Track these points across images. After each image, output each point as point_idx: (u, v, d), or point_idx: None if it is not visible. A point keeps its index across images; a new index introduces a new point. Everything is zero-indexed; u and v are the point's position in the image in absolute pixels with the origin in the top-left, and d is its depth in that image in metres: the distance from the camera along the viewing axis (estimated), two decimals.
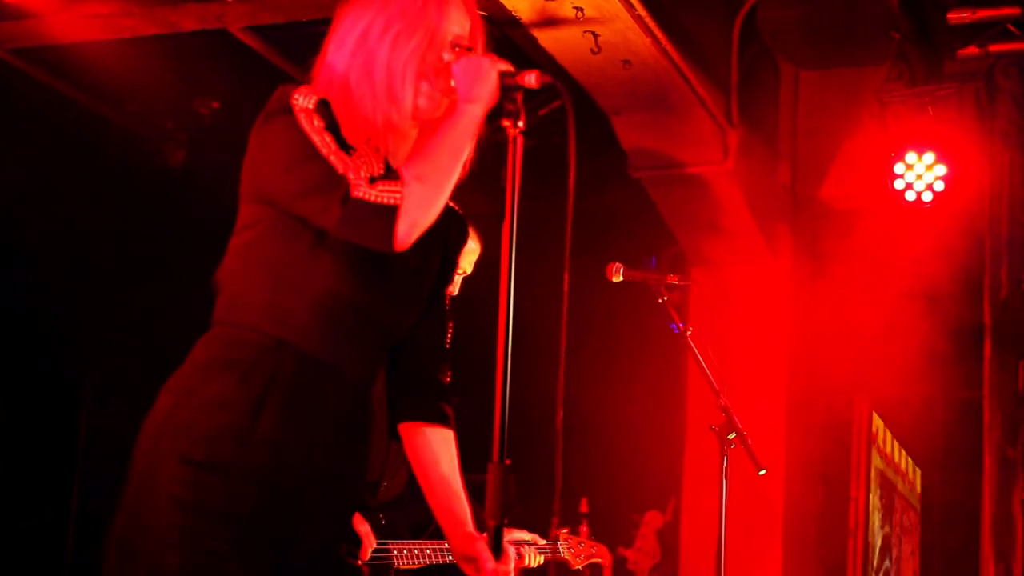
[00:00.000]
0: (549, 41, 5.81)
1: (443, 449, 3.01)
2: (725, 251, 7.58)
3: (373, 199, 2.61)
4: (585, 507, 5.76)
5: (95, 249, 8.22)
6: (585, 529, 5.29)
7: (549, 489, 2.77)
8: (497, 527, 2.62)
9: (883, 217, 7.18)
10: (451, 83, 2.79)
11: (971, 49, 6.50)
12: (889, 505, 8.51)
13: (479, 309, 3.51)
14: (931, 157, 6.63)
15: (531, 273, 3.06)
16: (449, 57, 2.83)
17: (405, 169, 2.68)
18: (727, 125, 6.84)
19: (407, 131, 2.87)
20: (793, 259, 7.84)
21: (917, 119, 6.72)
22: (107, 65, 7.17)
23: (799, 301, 7.82)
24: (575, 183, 2.74)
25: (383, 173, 2.73)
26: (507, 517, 2.61)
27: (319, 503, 2.75)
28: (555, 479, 2.69)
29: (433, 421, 3.02)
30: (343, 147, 2.69)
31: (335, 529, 2.83)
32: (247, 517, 2.65)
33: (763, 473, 4.87)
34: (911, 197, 6.66)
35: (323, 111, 2.72)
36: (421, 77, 2.81)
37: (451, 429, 3.04)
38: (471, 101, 2.74)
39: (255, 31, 6.75)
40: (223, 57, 7.22)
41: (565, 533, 5.19)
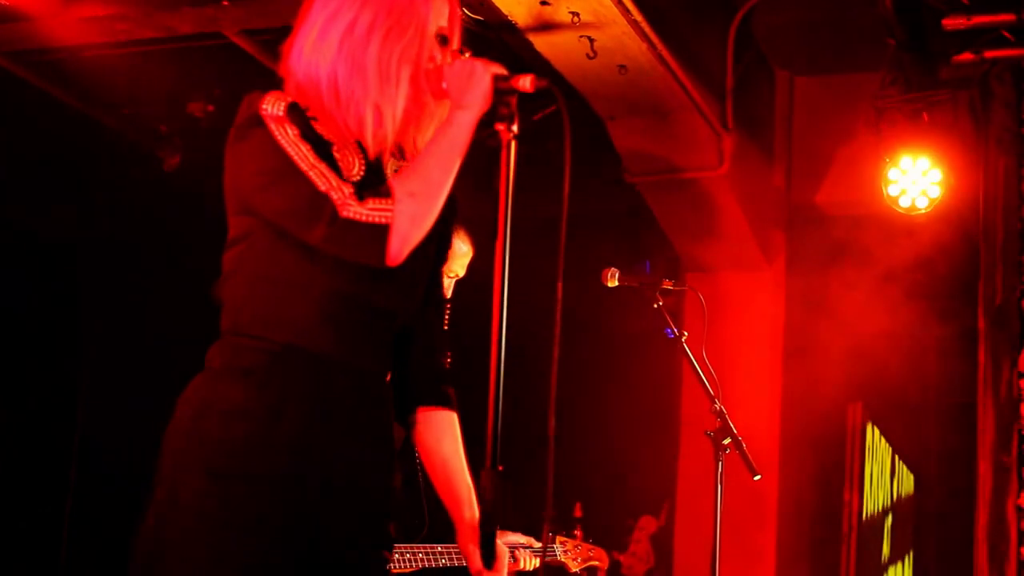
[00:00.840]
0: (545, 46, 5.81)
1: (446, 431, 2.98)
2: (720, 256, 7.59)
3: (364, 219, 2.58)
4: (579, 512, 5.76)
5: (90, 252, 8.22)
6: (579, 533, 5.29)
7: (542, 493, 2.76)
8: (489, 535, 2.60)
9: (878, 223, 7.18)
10: (442, 85, 2.75)
11: (966, 55, 6.49)
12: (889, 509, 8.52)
13: (473, 314, 3.50)
14: (926, 163, 6.62)
15: (526, 278, 3.06)
16: (440, 58, 2.80)
17: (397, 184, 2.64)
18: (722, 130, 6.85)
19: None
20: (788, 264, 7.85)
21: (912, 125, 6.72)
22: (101, 69, 7.16)
23: (793, 306, 7.82)
24: (570, 188, 2.69)
25: (363, 178, 2.70)
26: (498, 525, 2.59)
27: (350, 503, 2.71)
28: (546, 486, 2.67)
29: (436, 404, 2.99)
30: (320, 151, 2.66)
31: (371, 530, 2.78)
32: (278, 526, 2.62)
33: (758, 478, 4.87)
34: (906, 203, 6.66)
35: (295, 116, 2.69)
36: (415, 77, 2.76)
37: (454, 411, 3.01)
38: (463, 107, 2.69)
39: (250, 34, 6.74)
40: (218, 61, 7.22)
41: (562, 537, 5.19)
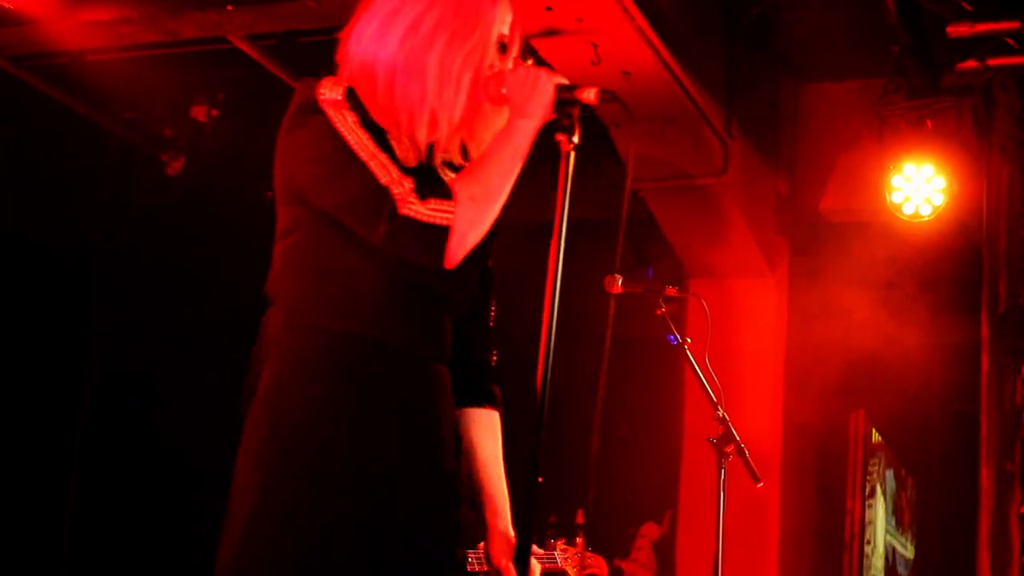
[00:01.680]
0: (549, 51, 5.81)
1: (487, 432, 2.93)
2: (723, 263, 7.59)
3: (425, 218, 2.53)
4: (581, 518, 5.75)
5: (94, 254, 8.23)
6: (581, 540, 5.28)
7: (545, 499, 2.75)
8: (525, 551, 2.52)
9: (882, 230, 7.18)
10: (502, 91, 2.68)
11: (970, 63, 6.49)
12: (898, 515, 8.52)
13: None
14: (929, 170, 6.63)
15: (527, 284, 3.05)
16: (500, 65, 2.74)
17: (458, 187, 2.58)
18: (727, 137, 6.84)
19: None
20: (791, 271, 7.84)
21: (915, 132, 6.73)
22: (105, 73, 7.17)
23: (796, 313, 7.81)
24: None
25: (416, 168, 2.63)
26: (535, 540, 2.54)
27: (427, 495, 2.66)
28: (587, 499, 2.63)
29: (480, 402, 2.94)
30: (379, 139, 2.60)
31: (446, 526, 2.72)
32: (363, 526, 2.57)
33: (760, 485, 4.86)
34: (909, 210, 6.66)
35: (353, 102, 2.63)
36: (475, 82, 2.69)
37: (497, 410, 2.96)
38: (525, 116, 2.63)
39: (254, 39, 6.74)
40: (222, 65, 7.22)
41: (563, 544, 5.18)
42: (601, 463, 7.78)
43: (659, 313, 4.90)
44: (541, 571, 5.00)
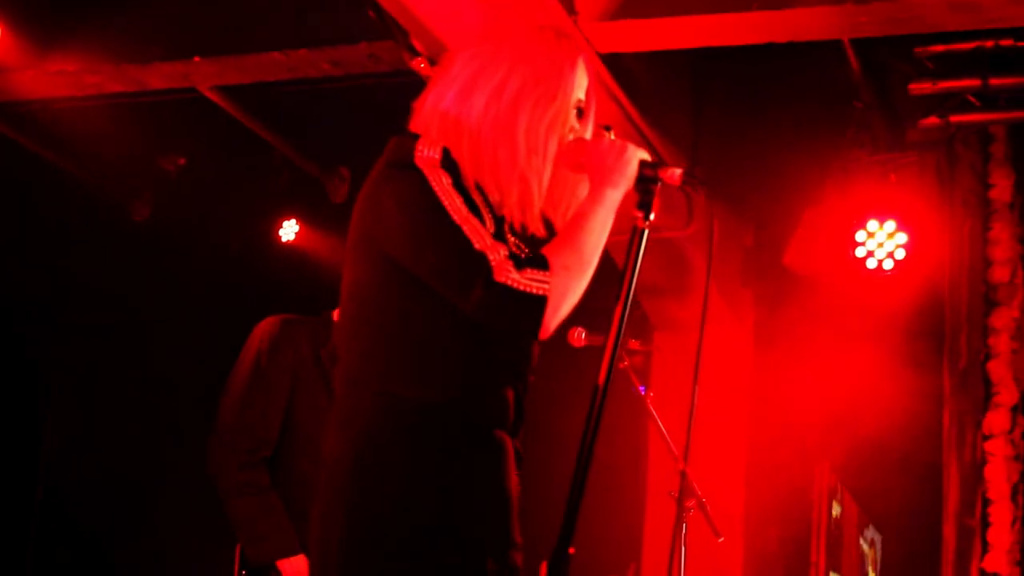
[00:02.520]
0: None
1: None
2: (688, 315, 7.59)
3: (522, 287, 2.49)
4: (544, 572, 5.72)
5: (61, 301, 8.21)
6: None
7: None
8: None
9: (845, 284, 7.21)
10: (581, 159, 2.65)
11: (932, 119, 6.56)
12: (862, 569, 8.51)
13: None
14: (892, 225, 6.68)
15: None
16: (580, 131, 2.72)
17: (552, 256, 2.54)
18: (690, 190, 6.86)
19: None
20: (756, 323, 7.86)
21: (879, 187, 6.78)
22: (72, 122, 7.16)
23: (761, 365, 7.83)
24: None
25: (495, 234, 2.56)
26: None
27: (505, 571, 2.67)
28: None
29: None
30: (470, 204, 2.54)
31: None
32: None
33: (721, 540, 4.86)
34: (872, 265, 6.71)
35: (448, 164, 2.55)
36: (559, 151, 2.66)
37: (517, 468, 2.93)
38: (612, 185, 2.63)
39: (222, 90, 6.75)
40: (189, 114, 7.23)
41: None
42: (563, 515, 7.77)
43: (622, 367, 4.90)
44: None
